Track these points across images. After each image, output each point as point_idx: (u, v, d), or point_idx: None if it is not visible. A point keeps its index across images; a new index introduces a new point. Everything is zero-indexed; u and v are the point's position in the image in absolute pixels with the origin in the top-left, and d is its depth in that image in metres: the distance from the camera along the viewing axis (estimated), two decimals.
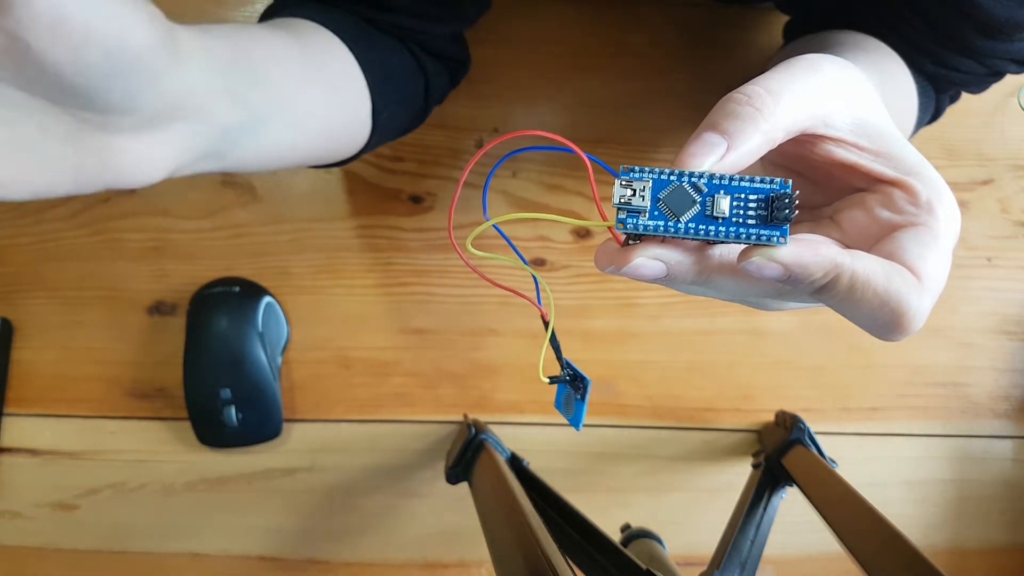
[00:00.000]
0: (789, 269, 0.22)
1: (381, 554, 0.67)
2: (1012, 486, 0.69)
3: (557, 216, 0.24)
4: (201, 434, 0.64)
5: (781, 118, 0.24)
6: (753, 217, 0.22)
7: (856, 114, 0.25)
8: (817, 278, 0.22)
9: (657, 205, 0.23)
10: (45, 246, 0.65)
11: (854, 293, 0.23)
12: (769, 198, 0.22)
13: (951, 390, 0.68)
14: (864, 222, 0.26)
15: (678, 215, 0.22)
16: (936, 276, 0.24)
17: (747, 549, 0.53)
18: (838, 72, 0.26)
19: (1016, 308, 0.68)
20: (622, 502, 0.68)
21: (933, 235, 0.24)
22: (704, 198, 0.22)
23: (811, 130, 0.25)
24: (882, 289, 0.23)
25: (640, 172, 0.23)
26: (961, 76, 0.44)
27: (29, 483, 0.66)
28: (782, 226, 0.22)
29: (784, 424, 0.62)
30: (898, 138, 0.26)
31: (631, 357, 0.67)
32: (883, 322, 0.23)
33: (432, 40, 0.48)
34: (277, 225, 0.65)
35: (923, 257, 0.24)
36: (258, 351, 0.62)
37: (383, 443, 0.66)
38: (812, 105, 0.25)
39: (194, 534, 0.66)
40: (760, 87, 0.24)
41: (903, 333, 0.24)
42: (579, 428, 0.27)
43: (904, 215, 0.25)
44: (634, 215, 0.22)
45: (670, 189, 0.23)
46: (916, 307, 0.23)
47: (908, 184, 0.25)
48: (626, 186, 0.23)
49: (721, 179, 0.22)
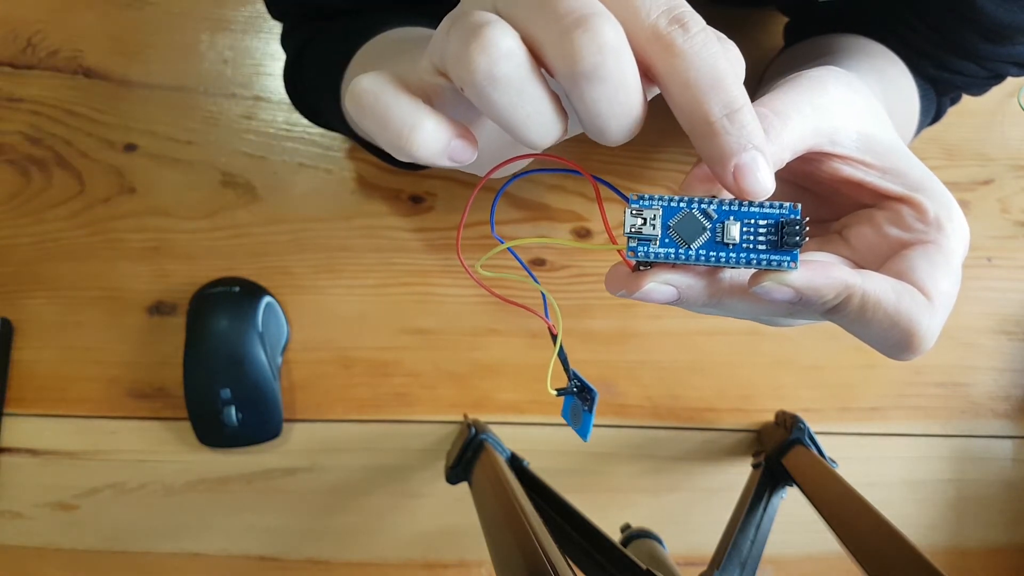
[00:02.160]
0: (800, 292, 0.22)
1: (381, 554, 0.67)
2: (1012, 486, 0.69)
3: (567, 241, 0.24)
4: (201, 434, 0.64)
5: (788, 139, 0.24)
6: (764, 243, 0.22)
7: (862, 130, 0.25)
8: (828, 299, 0.22)
9: (668, 232, 0.23)
10: (45, 246, 0.65)
11: (865, 314, 0.23)
12: (779, 223, 0.22)
13: (951, 390, 0.68)
14: (873, 239, 0.26)
15: (689, 242, 0.22)
16: (947, 294, 0.24)
17: (747, 549, 0.53)
18: (844, 88, 0.26)
19: (1016, 308, 0.68)
20: (622, 502, 0.68)
21: (943, 253, 0.24)
22: (714, 224, 0.22)
23: (817, 148, 0.25)
24: (893, 310, 0.23)
25: (650, 200, 0.23)
26: (962, 79, 0.44)
27: (29, 483, 0.66)
28: (792, 251, 0.22)
29: (784, 424, 0.62)
30: (904, 153, 0.26)
31: (631, 357, 0.67)
32: (894, 342, 0.24)
33: None
34: (277, 225, 0.65)
35: (933, 276, 0.24)
36: (258, 351, 0.62)
37: (383, 443, 0.66)
38: (818, 124, 0.24)
39: (194, 534, 0.66)
40: (767, 109, 0.24)
41: (914, 353, 0.24)
42: (587, 439, 0.27)
43: (913, 232, 0.25)
44: (645, 243, 0.22)
45: (680, 216, 0.22)
46: (927, 327, 0.23)
47: (916, 201, 0.25)
48: (637, 215, 0.22)
49: (731, 205, 0.22)
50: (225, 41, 0.66)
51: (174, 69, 0.65)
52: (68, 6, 0.65)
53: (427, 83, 0.22)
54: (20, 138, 0.65)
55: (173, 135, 0.65)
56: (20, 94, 0.65)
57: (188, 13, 0.65)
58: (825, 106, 0.25)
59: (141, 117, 0.65)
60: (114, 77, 0.65)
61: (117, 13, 0.65)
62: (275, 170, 0.65)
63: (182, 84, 0.65)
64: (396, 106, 0.21)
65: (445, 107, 0.23)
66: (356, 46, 0.41)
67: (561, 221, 0.65)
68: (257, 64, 0.66)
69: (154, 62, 0.65)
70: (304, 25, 0.46)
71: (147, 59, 0.65)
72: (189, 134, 0.65)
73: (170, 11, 0.65)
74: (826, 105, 0.25)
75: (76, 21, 0.65)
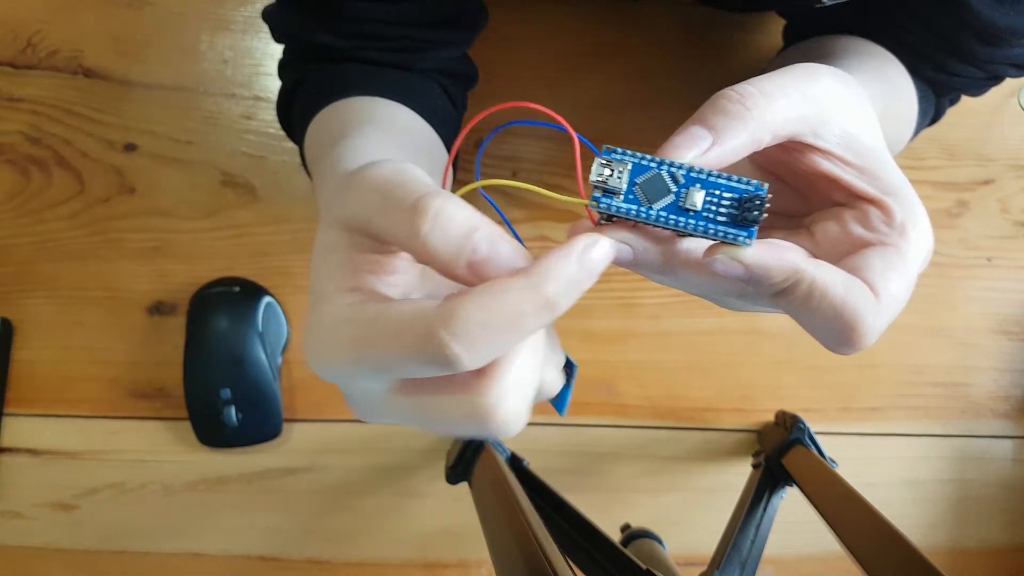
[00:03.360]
0: (751, 270, 0.22)
1: (381, 554, 0.67)
2: (1012, 486, 0.69)
3: (537, 188, 0.24)
4: (201, 434, 0.64)
5: (770, 121, 0.24)
6: (724, 215, 0.23)
7: (847, 128, 0.25)
8: (777, 282, 0.23)
9: (633, 189, 0.23)
10: (45, 246, 0.65)
11: (811, 301, 0.23)
12: (742, 199, 0.22)
13: (951, 390, 0.68)
14: (837, 235, 0.26)
15: (651, 202, 0.23)
16: (895, 297, 0.24)
17: (747, 549, 0.53)
18: (836, 84, 0.26)
19: (1016, 308, 0.68)
20: (622, 502, 0.68)
21: (900, 257, 0.25)
22: (680, 189, 0.23)
23: (799, 137, 0.25)
24: (839, 301, 0.23)
25: (622, 154, 0.23)
26: (961, 81, 0.45)
27: (29, 483, 0.66)
28: (750, 228, 0.22)
29: (784, 424, 0.62)
30: (885, 158, 0.26)
31: (631, 357, 0.67)
32: (835, 334, 0.24)
33: (450, 63, 0.48)
34: (277, 225, 0.65)
35: (886, 277, 0.24)
36: (258, 351, 0.62)
37: (383, 443, 0.66)
38: (804, 113, 0.25)
39: (194, 534, 0.66)
40: (754, 87, 0.24)
41: (853, 348, 0.24)
42: (562, 413, 0.27)
43: (876, 233, 0.25)
44: (609, 196, 0.23)
45: (648, 175, 0.23)
46: (870, 324, 0.23)
47: (885, 204, 0.25)
48: (605, 165, 0.23)
49: (700, 173, 0.23)
50: (225, 41, 0.66)
51: (174, 69, 0.65)
52: (68, 6, 0.65)
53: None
54: (20, 138, 0.65)
55: (173, 135, 0.65)
56: (20, 94, 0.65)
57: (188, 13, 0.65)
58: (814, 96, 0.25)
59: (141, 117, 0.65)
60: (114, 77, 0.65)
61: (117, 13, 0.65)
62: (275, 170, 0.65)
63: (182, 84, 0.65)
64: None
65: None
66: (316, 111, 0.42)
67: (562, 221, 0.66)
68: (257, 64, 0.66)
69: (154, 62, 0.65)
70: (299, 61, 0.47)
71: (147, 59, 0.65)
72: (189, 134, 0.65)
73: (170, 11, 0.65)
74: (815, 96, 0.25)
75: (76, 21, 0.65)
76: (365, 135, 0.37)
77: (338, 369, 0.22)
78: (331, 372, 0.22)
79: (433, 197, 0.20)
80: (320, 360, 0.22)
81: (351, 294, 0.22)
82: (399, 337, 0.20)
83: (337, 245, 0.23)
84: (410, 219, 0.20)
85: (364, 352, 0.21)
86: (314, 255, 0.24)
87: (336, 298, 0.22)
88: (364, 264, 0.23)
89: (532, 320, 0.20)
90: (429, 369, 0.20)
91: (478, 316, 0.19)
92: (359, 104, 0.42)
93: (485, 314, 0.19)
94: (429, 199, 0.20)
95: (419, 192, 0.21)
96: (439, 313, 0.20)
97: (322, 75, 0.44)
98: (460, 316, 0.19)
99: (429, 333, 0.19)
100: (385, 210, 0.21)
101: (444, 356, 0.19)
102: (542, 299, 0.20)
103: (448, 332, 0.19)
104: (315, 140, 0.42)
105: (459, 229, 0.20)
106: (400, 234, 0.21)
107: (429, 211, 0.20)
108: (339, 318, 0.22)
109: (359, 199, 0.22)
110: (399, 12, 0.43)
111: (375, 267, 0.23)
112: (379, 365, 0.21)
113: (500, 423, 0.21)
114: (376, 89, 0.43)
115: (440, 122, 0.45)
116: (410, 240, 0.20)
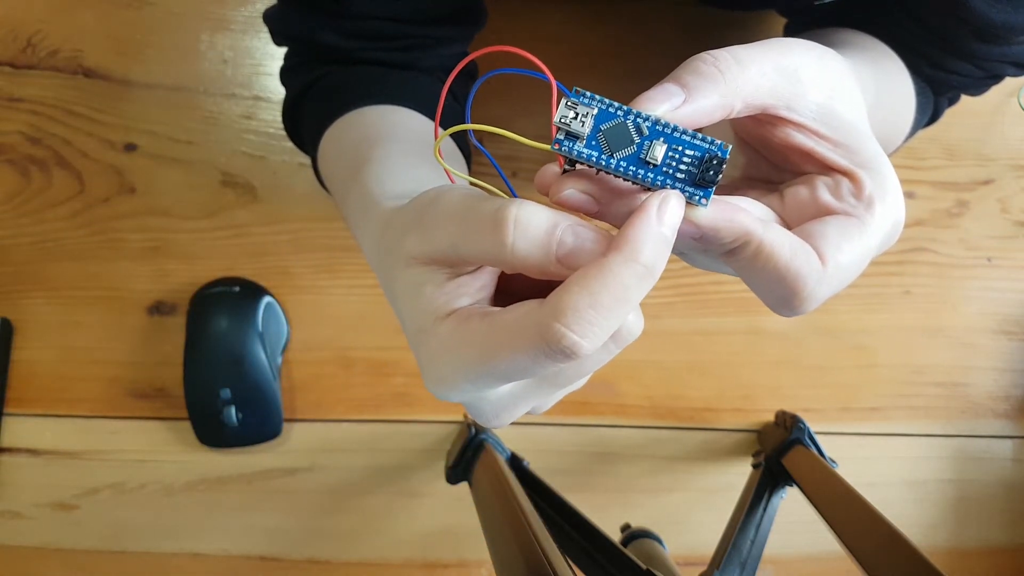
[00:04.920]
0: (702, 230, 0.23)
1: (381, 554, 0.67)
2: (1012, 486, 0.69)
3: (509, 134, 0.24)
4: (201, 434, 0.64)
5: (742, 87, 0.24)
6: (683, 172, 0.22)
7: (822, 102, 0.25)
8: (726, 242, 0.23)
9: (596, 135, 0.22)
10: (45, 246, 0.65)
11: (756, 262, 0.23)
12: (703, 158, 0.22)
13: (951, 390, 0.68)
14: (805, 199, 0.26)
15: (613, 151, 0.22)
16: (844, 267, 0.24)
17: (747, 549, 0.53)
18: (813, 58, 0.26)
19: (1016, 308, 0.68)
20: (622, 502, 0.68)
21: (860, 229, 0.25)
22: (643, 141, 0.22)
23: (772, 110, 0.25)
24: (783, 264, 0.23)
25: (590, 99, 0.23)
26: (959, 79, 0.45)
27: (29, 483, 0.66)
28: (707, 188, 0.22)
29: (784, 424, 0.62)
30: (863, 132, 0.26)
31: (631, 357, 0.67)
32: (777, 295, 0.24)
33: (452, 61, 0.48)
34: (277, 225, 0.65)
35: (838, 247, 0.24)
36: (258, 351, 0.62)
37: (383, 443, 0.66)
38: (777, 84, 0.24)
39: (194, 534, 0.66)
40: (729, 53, 0.24)
41: (793, 311, 0.24)
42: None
43: (842, 203, 0.25)
44: (571, 139, 0.23)
45: (613, 123, 0.22)
46: (811, 290, 0.24)
47: (857, 176, 0.25)
48: (571, 107, 0.23)
49: (665, 127, 0.22)
50: (225, 41, 0.66)
51: (174, 69, 0.65)
52: (68, 6, 0.65)
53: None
54: (20, 138, 0.65)
55: (173, 135, 0.65)
56: (20, 94, 0.65)
57: (188, 13, 0.65)
58: (787, 68, 0.25)
59: (141, 117, 0.65)
60: (114, 77, 0.65)
61: (117, 13, 0.65)
62: (275, 170, 0.65)
63: (182, 84, 0.65)
64: None
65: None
66: (327, 123, 0.42)
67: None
68: (257, 64, 0.66)
69: (154, 62, 0.65)
70: (303, 65, 0.46)
71: (147, 59, 0.65)
72: (189, 134, 0.65)
73: (170, 11, 0.65)
74: (789, 69, 0.25)
75: (76, 21, 0.65)
76: (389, 155, 0.37)
77: (469, 385, 0.23)
78: (461, 392, 0.24)
79: (507, 207, 0.21)
80: (449, 385, 0.24)
81: (449, 319, 0.24)
82: (517, 340, 0.21)
83: (422, 280, 0.24)
84: (493, 235, 0.21)
85: (488, 364, 0.22)
86: (397, 297, 0.26)
87: (438, 327, 0.24)
88: (452, 289, 0.24)
89: (636, 290, 0.21)
90: (552, 364, 0.21)
91: (586, 301, 0.20)
92: (372, 116, 0.42)
93: (592, 297, 0.20)
94: (505, 210, 0.21)
95: (493, 206, 0.22)
96: (547, 309, 0.21)
97: (329, 82, 0.44)
98: (569, 305, 0.20)
99: (544, 329, 0.21)
100: (467, 235, 0.22)
101: (564, 347, 0.20)
102: (641, 267, 0.21)
103: (562, 323, 0.20)
104: (332, 157, 0.42)
105: (541, 229, 0.21)
106: (489, 252, 0.22)
107: (509, 221, 0.21)
108: (453, 342, 0.23)
109: (438, 233, 0.23)
110: (402, 8, 0.43)
111: (461, 288, 0.24)
112: (505, 372, 0.22)
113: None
114: (386, 96, 0.43)
115: (450, 123, 0.45)
116: (499, 254, 0.22)
